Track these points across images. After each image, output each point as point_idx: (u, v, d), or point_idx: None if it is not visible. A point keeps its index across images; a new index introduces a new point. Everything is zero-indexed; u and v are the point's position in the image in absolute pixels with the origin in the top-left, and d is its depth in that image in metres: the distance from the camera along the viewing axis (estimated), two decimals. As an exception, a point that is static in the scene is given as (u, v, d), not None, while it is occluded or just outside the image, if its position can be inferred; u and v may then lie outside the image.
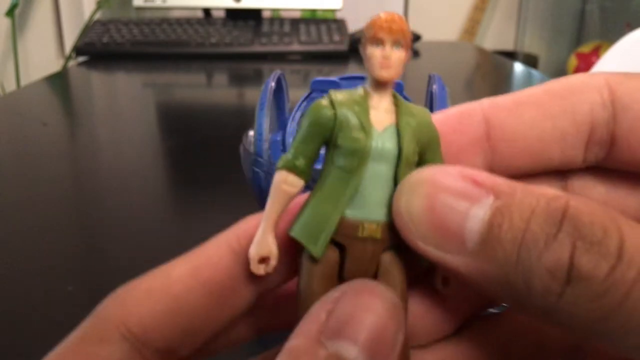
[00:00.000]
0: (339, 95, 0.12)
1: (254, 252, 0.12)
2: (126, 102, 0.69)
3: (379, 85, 0.12)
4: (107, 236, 0.32)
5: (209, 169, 0.42)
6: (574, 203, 0.10)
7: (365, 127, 0.11)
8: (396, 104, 0.12)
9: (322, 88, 0.32)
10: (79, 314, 0.25)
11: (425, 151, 0.12)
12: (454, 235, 0.10)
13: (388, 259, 0.12)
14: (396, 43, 0.11)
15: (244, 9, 0.92)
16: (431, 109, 0.28)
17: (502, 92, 0.14)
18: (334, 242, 0.11)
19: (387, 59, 0.11)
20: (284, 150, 0.31)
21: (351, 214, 0.11)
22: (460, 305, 0.13)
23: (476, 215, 0.10)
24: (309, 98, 0.32)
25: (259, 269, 0.12)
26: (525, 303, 0.10)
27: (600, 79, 0.12)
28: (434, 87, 0.27)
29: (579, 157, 0.13)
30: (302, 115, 0.12)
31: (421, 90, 0.31)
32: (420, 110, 0.12)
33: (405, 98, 0.33)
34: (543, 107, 0.12)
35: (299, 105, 0.32)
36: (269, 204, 0.12)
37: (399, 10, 1.55)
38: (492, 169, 0.13)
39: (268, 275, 0.12)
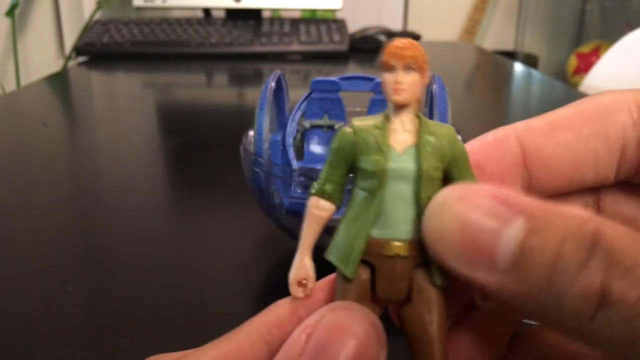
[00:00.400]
0: (362, 122, 0.12)
1: (292, 276, 0.12)
2: (126, 102, 0.69)
3: (399, 108, 0.12)
4: (107, 236, 0.32)
5: (209, 169, 0.42)
6: (604, 228, 0.10)
7: (383, 149, 0.12)
8: (419, 124, 0.12)
9: (322, 88, 0.32)
10: (79, 314, 0.26)
11: (451, 168, 0.12)
12: (485, 255, 0.10)
13: (421, 276, 0.12)
14: (407, 68, 0.12)
15: (244, 9, 0.92)
16: (431, 109, 0.28)
17: (502, 92, 0.14)
18: (365, 262, 0.12)
19: (398, 84, 0.12)
20: (284, 150, 0.31)
21: (378, 233, 0.12)
22: (503, 325, 0.13)
23: (508, 235, 0.10)
24: (309, 98, 0.32)
25: (298, 292, 0.12)
26: (556, 323, 0.10)
27: (630, 97, 0.13)
28: (434, 87, 0.27)
29: (611, 175, 0.13)
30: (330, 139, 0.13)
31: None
32: (442, 127, 0.12)
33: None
34: (576, 130, 0.13)
35: (299, 105, 0.32)
36: (304, 228, 0.12)
37: (399, 10, 1.55)
38: (529, 191, 0.13)
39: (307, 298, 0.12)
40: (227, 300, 0.26)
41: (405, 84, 0.12)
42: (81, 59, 0.87)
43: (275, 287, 0.27)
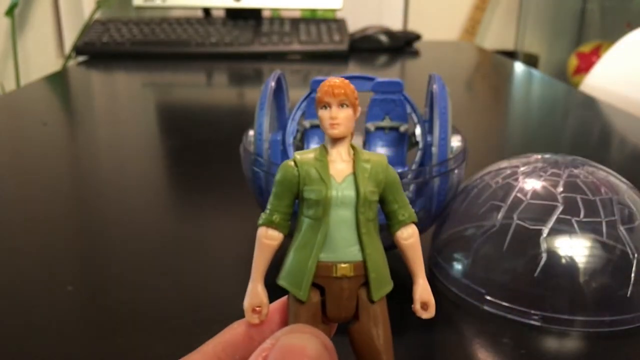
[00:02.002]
0: (303, 155, 0.13)
1: (247, 303, 0.13)
2: (126, 101, 0.69)
3: (335, 141, 0.13)
4: (106, 236, 0.32)
5: (209, 169, 0.42)
6: None
7: (325, 179, 0.13)
8: (354, 154, 0.13)
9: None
10: (79, 314, 0.25)
11: (385, 192, 0.14)
12: None
13: (366, 294, 0.13)
14: (341, 104, 0.13)
15: (244, 9, 0.92)
16: (431, 109, 0.28)
17: (502, 92, 0.14)
18: (315, 285, 0.13)
19: (334, 119, 0.13)
20: (284, 150, 0.31)
21: (325, 257, 0.13)
22: None
23: None
24: (309, 98, 0.32)
25: (254, 318, 0.13)
26: None
27: None
28: (434, 86, 0.27)
29: None
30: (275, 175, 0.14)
31: (421, 90, 0.31)
32: (376, 155, 0.14)
33: (405, 98, 0.33)
34: None
35: (299, 105, 0.32)
36: (255, 257, 0.13)
37: (399, 10, 1.55)
38: None
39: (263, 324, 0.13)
40: (227, 300, 0.26)
41: (340, 118, 0.13)
42: (81, 58, 0.87)
43: (274, 287, 0.27)
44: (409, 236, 0.14)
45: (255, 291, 0.13)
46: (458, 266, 0.26)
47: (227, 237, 0.32)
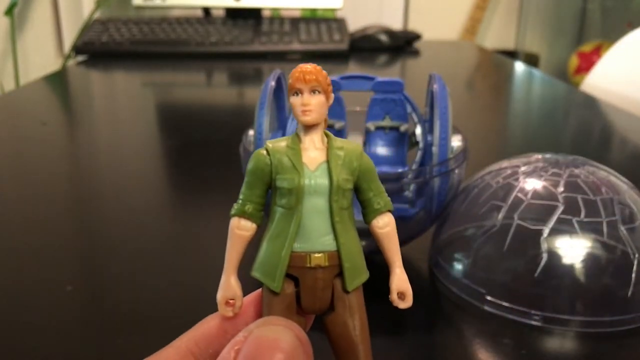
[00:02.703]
0: (275, 143, 0.13)
1: (220, 296, 0.13)
2: (125, 101, 0.69)
3: (308, 128, 0.13)
4: (106, 236, 0.32)
5: (209, 169, 0.42)
6: None
7: (297, 167, 0.13)
8: (327, 142, 0.13)
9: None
10: (78, 314, 0.25)
11: (360, 180, 0.13)
12: None
13: (341, 284, 0.13)
14: (313, 90, 0.13)
15: (244, 8, 0.92)
16: (432, 108, 0.28)
17: (503, 92, 0.14)
18: (289, 276, 0.13)
19: (306, 106, 0.13)
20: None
21: (299, 247, 0.13)
22: None
23: None
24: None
25: (227, 311, 0.13)
26: None
27: None
28: (435, 86, 0.27)
29: None
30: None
31: (422, 90, 0.31)
32: (349, 143, 0.13)
33: (406, 97, 0.33)
34: None
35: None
36: (228, 249, 0.13)
37: (400, 9, 1.55)
38: None
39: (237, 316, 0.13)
40: (227, 300, 0.26)
41: (312, 105, 0.13)
42: (80, 58, 0.87)
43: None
44: (384, 225, 0.13)
45: (228, 283, 0.13)
46: (458, 266, 0.26)
47: (227, 237, 0.32)
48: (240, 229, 0.13)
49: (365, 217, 0.14)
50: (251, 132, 0.29)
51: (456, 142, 0.28)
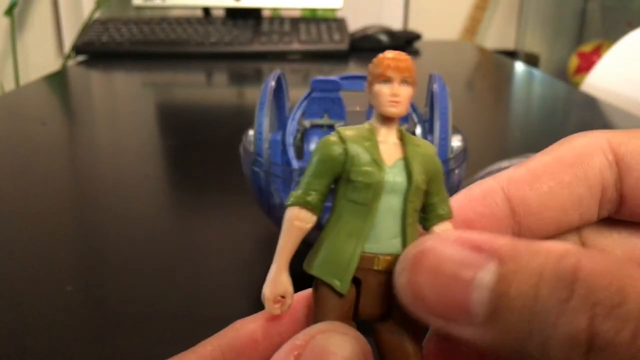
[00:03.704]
0: (347, 132, 0.12)
1: (268, 292, 0.12)
2: (125, 101, 0.68)
3: (387, 120, 0.12)
4: (106, 236, 0.32)
5: (209, 169, 0.42)
6: (585, 262, 0.09)
7: (377, 161, 0.11)
8: (401, 138, 0.12)
9: (322, 87, 0.31)
10: (78, 314, 0.25)
11: (431, 183, 0.12)
12: (460, 308, 0.10)
13: None
14: (404, 80, 0.12)
15: (244, 8, 0.92)
16: (432, 109, 0.28)
17: (503, 92, 0.14)
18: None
19: (396, 96, 0.12)
20: (284, 149, 0.31)
21: (368, 247, 0.12)
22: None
23: (480, 284, 0.10)
24: (309, 97, 0.32)
25: (275, 309, 0.12)
26: None
27: (603, 140, 0.13)
28: (435, 86, 0.27)
29: (594, 216, 0.13)
30: (312, 151, 0.13)
31: (422, 90, 0.31)
32: (424, 142, 0.12)
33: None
34: (558, 177, 0.13)
35: (299, 105, 0.32)
36: (282, 241, 0.12)
37: (399, 9, 1.55)
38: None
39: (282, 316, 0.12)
40: (227, 300, 0.26)
41: (401, 96, 0.12)
42: (80, 58, 0.87)
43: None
44: (444, 230, 0.12)
45: (279, 279, 0.12)
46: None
47: (227, 237, 0.32)
48: (301, 220, 0.12)
49: (426, 222, 0.12)
50: (251, 132, 0.29)
51: (456, 142, 0.28)
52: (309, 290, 0.12)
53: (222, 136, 0.50)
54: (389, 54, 0.12)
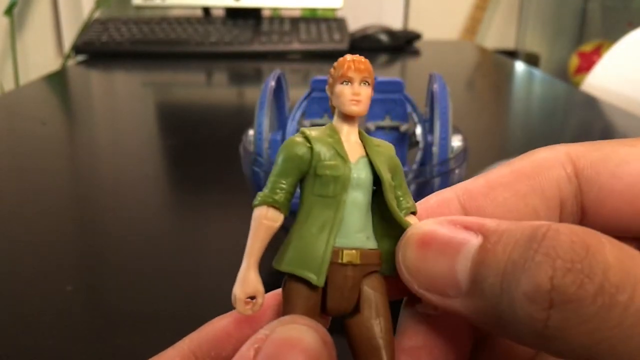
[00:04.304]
0: (312, 131, 0.12)
1: (239, 291, 0.12)
2: (125, 101, 0.68)
3: (348, 119, 0.13)
4: (105, 236, 0.32)
5: (209, 169, 0.42)
6: (555, 226, 0.09)
7: (342, 155, 0.12)
8: (361, 138, 0.13)
9: (322, 87, 0.31)
10: (78, 314, 0.25)
11: (394, 178, 0.13)
12: (448, 280, 0.10)
13: (368, 285, 0.12)
14: (363, 81, 0.12)
15: (244, 8, 0.92)
16: (432, 108, 0.28)
17: (503, 91, 0.14)
18: None
19: (357, 95, 0.12)
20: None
21: (337, 241, 0.12)
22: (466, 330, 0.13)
23: (465, 256, 0.10)
24: (309, 97, 0.31)
25: (247, 310, 0.12)
26: (516, 334, 0.10)
27: (562, 153, 0.13)
28: (435, 86, 0.27)
29: None
30: (276, 153, 0.13)
31: (422, 89, 0.31)
32: (383, 142, 0.13)
33: (406, 97, 0.33)
34: (513, 188, 0.13)
35: (299, 105, 0.32)
36: (251, 240, 0.12)
37: (400, 9, 1.55)
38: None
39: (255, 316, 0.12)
40: (227, 300, 0.25)
41: (362, 95, 0.12)
42: (80, 58, 0.87)
43: (275, 288, 0.26)
44: None
45: (249, 278, 0.12)
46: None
47: (226, 237, 0.32)
48: (268, 219, 0.12)
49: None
50: (251, 132, 0.29)
51: (456, 142, 0.28)
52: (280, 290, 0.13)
53: (222, 136, 0.50)
54: (349, 56, 0.12)
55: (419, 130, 0.31)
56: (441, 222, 0.11)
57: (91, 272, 0.29)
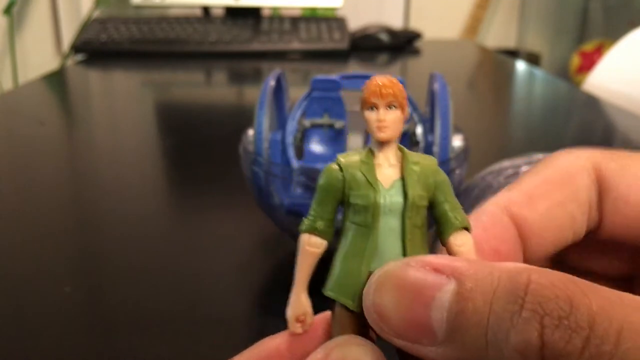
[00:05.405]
0: (346, 157, 0.13)
1: (290, 313, 0.13)
2: (124, 100, 0.68)
3: (381, 144, 0.13)
4: (104, 236, 0.32)
5: (208, 168, 0.42)
6: (535, 277, 0.09)
7: (372, 183, 0.12)
8: (402, 157, 0.13)
9: (322, 87, 0.31)
10: (77, 315, 0.25)
11: (436, 194, 0.13)
12: (422, 328, 0.10)
13: None
14: (389, 105, 0.12)
15: (244, 7, 0.92)
16: (432, 108, 0.27)
17: (504, 91, 0.14)
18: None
19: (381, 122, 0.12)
20: (283, 149, 0.31)
21: (374, 267, 0.12)
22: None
23: (439, 304, 0.10)
24: (309, 97, 0.31)
25: (297, 328, 0.13)
26: None
27: (583, 159, 0.14)
28: (436, 85, 0.27)
29: (583, 233, 0.14)
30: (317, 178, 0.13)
31: (423, 89, 0.31)
32: (425, 157, 0.13)
33: (407, 97, 0.33)
34: (551, 197, 0.14)
35: (299, 104, 0.31)
36: (298, 265, 0.13)
37: (400, 8, 1.55)
38: (526, 261, 0.14)
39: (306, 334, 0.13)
40: (227, 301, 0.25)
41: (387, 121, 0.12)
42: (79, 57, 0.87)
43: (275, 288, 0.26)
44: (462, 243, 0.12)
45: (299, 300, 0.13)
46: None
47: (226, 237, 0.32)
48: (311, 245, 0.13)
49: (441, 235, 0.13)
50: (251, 132, 0.29)
51: (457, 141, 0.28)
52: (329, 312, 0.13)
53: (221, 136, 0.50)
54: (375, 79, 0.12)
55: (419, 130, 0.31)
56: (409, 264, 0.11)
57: (89, 272, 0.28)
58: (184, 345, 0.22)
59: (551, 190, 0.13)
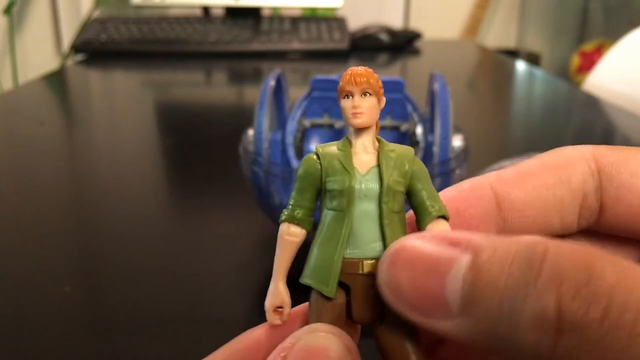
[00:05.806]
0: (325, 147, 0.13)
1: (268, 303, 0.13)
2: (124, 100, 0.68)
3: (359, 131, 0.13)
4: (104, 236, 0.32)
5: (208, 168, 0.42)
6: (553, 246, 0.09)
7: (348, 168, 0.12)
8: (379, 146, 0.13)
9: (322, 87, 0.31)
10: (76, 315, 0.25)
11: (413, 182, 0.13)
12: (437, 301, 0.10)
13: None
14: (364, 92, 0.12)
15: (244, 7, 0.91)
16: (432, 108, 0.27)
17: (504, 91, 0.14)
18: (340, 283, 0.12)
19: (357, 108, 0.12)
20: (283, 149, 0.31)
21: (350, 253, 0.12)
22: None
23: (455, 275, 0.10)
24: (309, 97, 0.31)
25: (275, 319, 0.13)
26: (518, 357, 0.09)
27: (587, 150, 0.14)
28: (436, 85, 0.27)
29: (574, 222, 0.14)
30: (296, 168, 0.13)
31: (423, 89, 0.31)
32: (400, 146, 0.13)
33: (406, 97, 0.33)
34: (543, 179, 0.13)
35: (299, 104, 0.31)
36: (277, 255, 0.13)
37: (400, 8, 1.55)
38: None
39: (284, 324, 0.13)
40: (226, 300, 0.25)
41: (362, 107, 0.12)
42: (79, 57, 0.87)
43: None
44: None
45: (277, 290, 0.12)
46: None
47: (226, 237, 0.32)
48: (290, 234, 0.13)
49: (419, 223, 0.13)
50: (251, 132, 0.29)
51: (457, 141, 0.28)
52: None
53: (221, 136, 0.50)
54: (350, 69, 0.13)
55: (419, 130, 0.30)
56: (425, 237, 0.11)
57: (89, 273, 0.28)
58: (184, 345, 0.22)
59: (544, 172, 0.13)
